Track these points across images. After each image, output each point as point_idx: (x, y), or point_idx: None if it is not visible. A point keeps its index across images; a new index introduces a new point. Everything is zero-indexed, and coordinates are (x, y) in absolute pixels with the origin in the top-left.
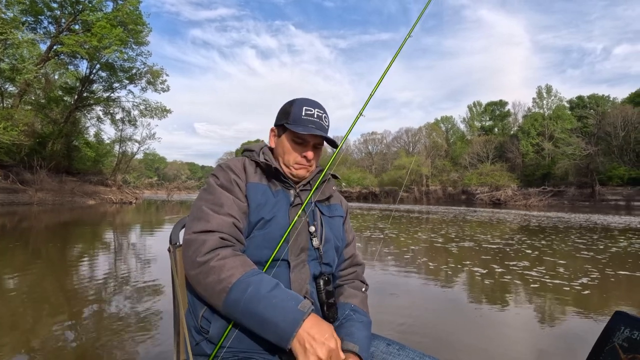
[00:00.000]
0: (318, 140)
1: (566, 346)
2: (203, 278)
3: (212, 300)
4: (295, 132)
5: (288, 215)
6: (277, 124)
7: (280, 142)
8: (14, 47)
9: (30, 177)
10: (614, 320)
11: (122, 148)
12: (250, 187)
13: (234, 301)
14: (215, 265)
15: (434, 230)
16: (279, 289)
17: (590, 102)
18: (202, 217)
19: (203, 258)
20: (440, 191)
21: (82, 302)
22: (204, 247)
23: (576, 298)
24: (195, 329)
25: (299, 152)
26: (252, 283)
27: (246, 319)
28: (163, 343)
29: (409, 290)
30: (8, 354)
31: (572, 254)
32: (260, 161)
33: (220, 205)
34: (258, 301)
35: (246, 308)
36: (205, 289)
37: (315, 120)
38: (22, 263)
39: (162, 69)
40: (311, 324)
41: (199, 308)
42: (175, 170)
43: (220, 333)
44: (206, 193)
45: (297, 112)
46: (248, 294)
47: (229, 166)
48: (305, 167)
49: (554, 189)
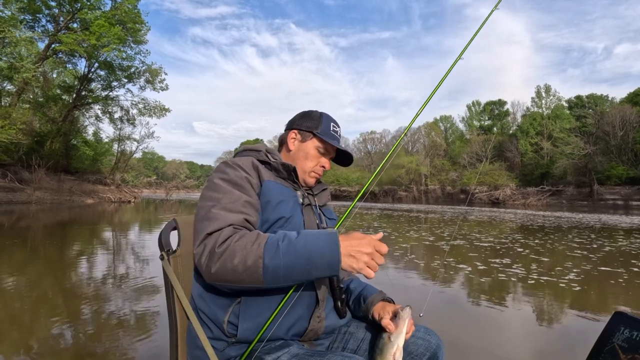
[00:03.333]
0: (334, 155)
1: (556, 342)
2: (230, 261)
3: (249, 275)
4: (327, 142)
5: (302, 214)
6: (304, 130)
7: (304, 148)
8: (12, 46)
9: (29, 176)
10: (613, 320)
11: (120, 147)
12: (268, 184)
13: (273, 260)
14: (236, 244)
15: (427, 229)
16: (302, 231)
17: (589, 102)
18: (212, 217)
19: (222, 246)
20: (439, 190)
21: (81, 301)
22: (219, 238)
23: (555, 293)
24: (216, 338)
25: (320, 162)
26: (278, 239)
27: (292, 268)
28: (161, 342)
29: (379, 282)
30: (7, 352)
31: (562, 252)
32: (272, 161)
33: (232, 203)
34: (295, 248)
35: (288, 259)
36: (236, 269)
37: (338, 138)
38: (20, 262)
39: (161, 67)
40: (344, 237)
41: (220, 314)
42: (174, 169)
43: (251, 329)
44: (213, 191)
45: (327, 126)
46: (282, 248)
47: (237, 164)
48: (319, 176)
49: (552, 188)
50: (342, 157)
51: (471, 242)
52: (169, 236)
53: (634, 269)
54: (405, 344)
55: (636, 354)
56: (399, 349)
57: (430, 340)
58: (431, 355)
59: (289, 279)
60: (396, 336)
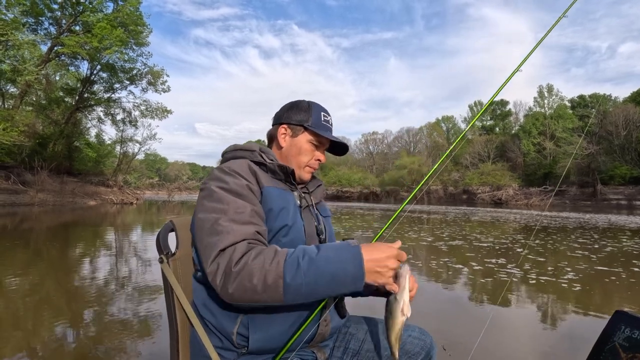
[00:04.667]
0: (327, 146)
1: (555, 341)
2: (248, 281)
3: (269, 295)
4: (320, 135)
5: (302, 218)
6: (293, 124)
7: (296, 143)
8: (15, 49)
9: (31, 178)
10: (614, 319)
11: (123, 149)
12: (268, 191)
13: (295, 279)
14: (254, 263)
15: (427, 230)
16: (322, 246)
17: (592, 102)
18: (221, 230)
19: (239, 264)
20: (441, 191)
21: (83, 303)
22: (234, 256)
23: (556, 293)
24: (225, 348)
25: (314, 155)
26: (298, 255)
27: (314, 286)
28: (163, 344)
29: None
30: (10, 353)
31: (561, 252)
32: (268, 162)
33: (239, 214)
34: (316, 265)
35: (310, 278)
36: (255, 289)
37: (330, 127)
38: (23, 264)
39: (163, 69)
40: (366, 251)
41: (229, 326)
42: (176, 170)
43: (262, 340)
44: (215, 202)
45: (317, 117)
46: (303, 266)
47: (234, 170)
48: (314, 170)
49: (555, 188)
50: (336, 146)
51: (470, 242)
52: (167, 238)
53: (634, 269)
54: (402, 343)
55: (637, 352)
56: (405, 305)
57: (426, 340)
58: (426, 354)
59: (310, 297)
60: (400, 293)
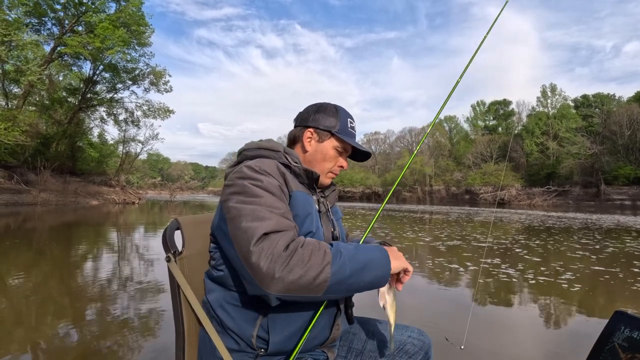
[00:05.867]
0: (350, 152)
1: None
2: (300, 267)
3: (315, 286)
4: (347, 142)
5: (321, 224)
6: (321, 129)
7: (322, 149)
8: (18, 49)
9: (34, 178)
10: (613, 319)
11: (125, 148)
12: (296, 195)
13: (341, 267)
14: (303, 250)
15: (426, 230)
16: (355, 242)
17: (596, 101)
18: (264, 217)
19: (288, 249)
20: (443, 191)
21: (86, 302)
22: (282, 241)
23: (556, 293)
24: (242, 351)
25: (338, 161)
26: (340, 248)
27: (353, 274)
28: (167, 343)
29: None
30: (14, 351)
31: (561, 252)
32: (293, 165)
33: (277, 209)
34: (356, 256)
35: (352, 266)
36: (302, 276)
37: (354, 134)
38: (26, 263)
39: (165, 69)
40: (390, 249)
41: (248, 329)
42: (179, 170)
43: (280, 342)
44: (250, 196)
45: (344, 123)
46: (346, 256)
47: (265, 170)
48: (335, 176)
49: (558, 188)
50: (358, 152)
51: (469, 242)
52: (174, 237)
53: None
54: (402, 343)
55: (637, 353)
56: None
57: (424, 340)
58: (424, 353)
59: (345, 290)
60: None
